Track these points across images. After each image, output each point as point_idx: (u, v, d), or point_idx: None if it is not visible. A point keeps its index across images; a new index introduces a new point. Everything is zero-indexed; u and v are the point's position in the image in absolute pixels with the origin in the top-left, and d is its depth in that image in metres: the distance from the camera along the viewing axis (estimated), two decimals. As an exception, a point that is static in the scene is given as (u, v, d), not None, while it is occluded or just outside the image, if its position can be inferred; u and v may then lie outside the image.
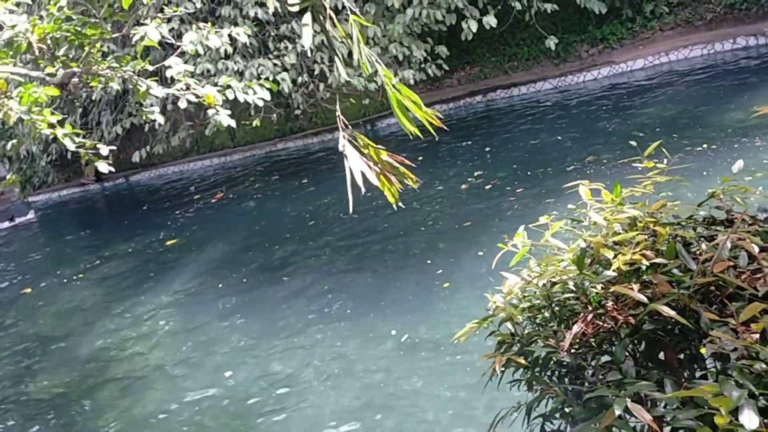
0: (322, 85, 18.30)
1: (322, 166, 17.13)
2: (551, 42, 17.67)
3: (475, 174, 12.92)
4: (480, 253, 9.38)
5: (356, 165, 2.27)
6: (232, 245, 12.93)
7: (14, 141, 15.03)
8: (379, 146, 2.50)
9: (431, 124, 2.44)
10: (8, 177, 21.79)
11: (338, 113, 2.40)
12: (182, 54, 14.76)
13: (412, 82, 17.27)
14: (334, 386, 7.21)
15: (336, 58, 2.22)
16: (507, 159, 13.54)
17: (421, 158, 15.01)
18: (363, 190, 2.28)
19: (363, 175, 2.27)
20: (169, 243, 14.09)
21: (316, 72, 18.12)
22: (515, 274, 2.54)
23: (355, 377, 7.27)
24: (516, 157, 13.44)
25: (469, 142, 15.41)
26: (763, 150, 9.97)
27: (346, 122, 2.44)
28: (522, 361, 2.17)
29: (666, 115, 13.35)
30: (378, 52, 17.16)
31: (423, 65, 17.84)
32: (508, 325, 2.37)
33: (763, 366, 1.57)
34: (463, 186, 12.56)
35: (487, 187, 12.14)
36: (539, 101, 17.32)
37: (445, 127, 2.46)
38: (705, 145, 10.60)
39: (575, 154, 12.21)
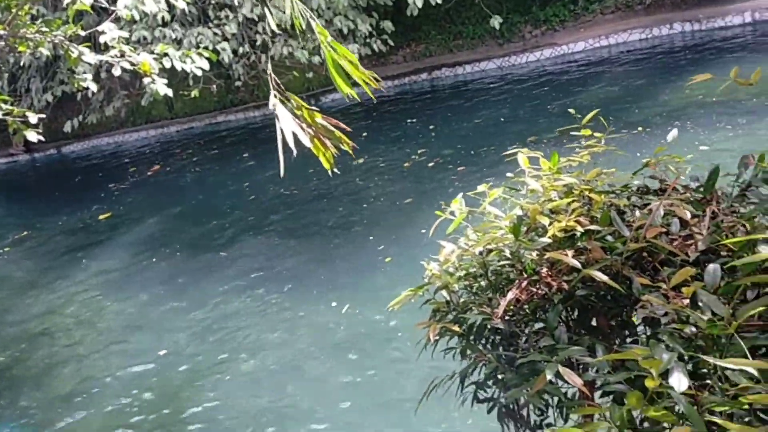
0: (264, 57, 17.89)
1: (264, 139, 16.80)
2: (495, 21, 17.75)
3: (419, 152, 12.91)
4: (422, 231, 9.39)
5: (288, 126, 2.16)
6: (168, 219, 12.57)
7: (-68, 106, 14.14)
8: (313, 108, 2.39)
9: (370, 87, 2.34)
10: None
11: (269, 72, 2.28)
12: (117, 20, 14.17)
13: (357, 56, 17.05)
14: (272, 359, 7.12)
15: (266, 11, 2.10)
16: (451, 137, 13.58)
17: (365, 134, 14.92)
18: (295, 152, 2.17)
19: (295, 136, 2.16)
20: (102, 217, 13.59)
21: (258, 43, 17.69)
22: (453, 243, 2.50)
23: (294, 350, 7.20)
24: (460, 136, 13.50)
25: (414, 120, 15.37)
26: (694, 131, 10.31)
27: (278, 81, 2.33)
28: (456, 329, 2.14)
29: (604, 96, 13.63)
30: (323, 24, 16.86)
31: (368, 40, 17.64)
32: (444, 293, 2.33)
33: (693, 329, 1.58)
34: (406, 163, 12.54)
35: (430, 164, 12.15)
36: (484, 81, 17.42)
37: (382, 89, 2.37)
38: (640, 128, 10.88)
39: (518, 134, 12.34)
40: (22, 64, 19.05)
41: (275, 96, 2.20)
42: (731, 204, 2.01)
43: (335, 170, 2.48)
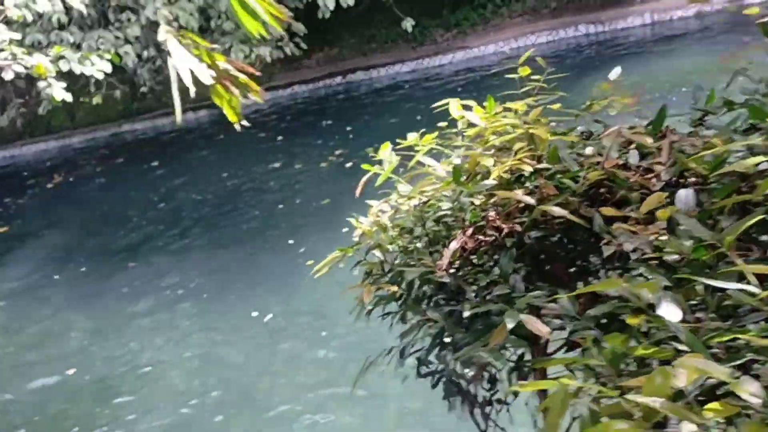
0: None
1: (174, 147, 16.05)
2: (408, 24, 17.75)
3: (336, 153, 12.61)
4: (344, 230, 9.08)
5: (184, 62, 1.81)
6: (71, 233, 11.69)
7: None
8: (214, 46, 2.04)
9: (280, 22, 2.01)
10: None
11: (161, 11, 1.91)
12: (8, 22, 13.12)
13: (269, 59, 16.62)
14: (189, 373, 6.60)
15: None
16: (368, 137, 13.35)
17: (280, 138, 14.51)
18: (192, 90, 1.82)
19: (192, 74, 1.81)
20: (-2, 231, 12.53)
21: (164, 46, 16.92)
22: (384, 203, 2.21)
23: (213, 364, 6.70)
24: (376, 136, 13.28)
25: (330, 122, 15.07)
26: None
27: (174, 18, 1.96)
28: (394, 288, 1.84)
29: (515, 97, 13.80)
30: (232, 27, 16.34)
31: (280, 43, 17.21)
32: (377, 252, 2.03)
33: (676, 257, 1.35)
34: (323, 164, 12.21)
35: (348, 165, 11.87)
36: (398, 82, 17.35)
37: (291, 21, 2.05)
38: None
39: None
40: None
41: (167, 31, 1.84)
42: (689, 135, 1.82)
43: (243, 123, 2.12)
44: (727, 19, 15.10)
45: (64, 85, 9.91)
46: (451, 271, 1.76)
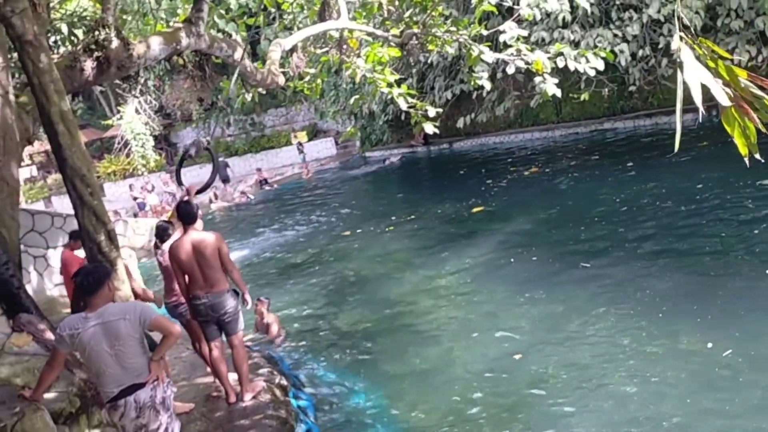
0: (665, 60, 16.31)
1: (651, 151, 15.37)
2: None
3: None
4: None
5: (695, 76, 1.47)
6: (533, 221, 12.33)
7: (356, 97, 16.50)
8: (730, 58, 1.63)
9: None
10: (348, 129, 24.34)
11: (678, 11, 1.60)
12: (519, 21, 14.39)
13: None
14: (621, 397, 6.16)
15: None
16: None
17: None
18: (702, 113, 1.46)
19: (704, 88, 1.46)
20: (475, 210, 14.08)
21: (660, 45, 16.19)
22: None
23: (650, 393, 6.13)
24: None
25: None
26: None
27: (687, 25, 1.63)
28: None
29: None
30: (740, 26, 14.58)
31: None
32: None
33: None
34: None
35: None
36: None
37: None
38: None
39: None
40: (430, 62, 21.02)
41: (680, 37, 1.52)
42: None
43: (757, 157, 1.66)
44: None
45: (557, 80, 10.34)
46: None
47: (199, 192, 6.52)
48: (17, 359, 4.96)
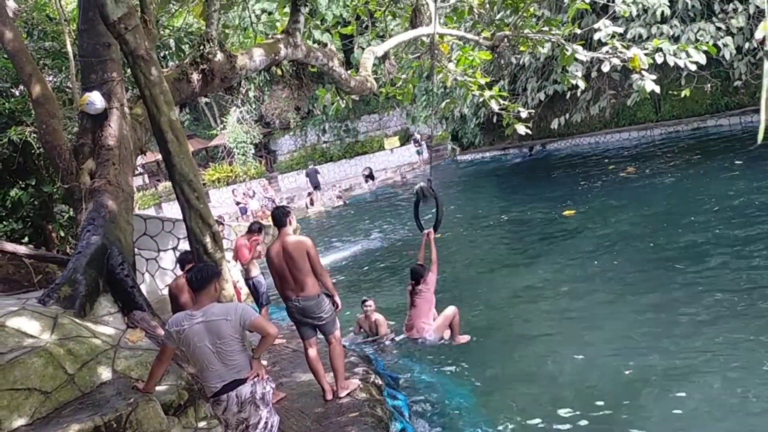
0: (775, 53, 15.43)
1: (761, 149, 14.53)
2: None
3: None
4: None
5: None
6: (624, 223, 11.95)
7: (448, 101, 16.59)
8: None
9: None
10: (439, 132, 24.50)
11: None
12: (615, 18, 14.04)
13: None
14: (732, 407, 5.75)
15: None
16: None
17: None
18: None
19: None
20: (566, 213, 13.83)
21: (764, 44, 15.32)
22: None
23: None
24: None
25: None
26: None
27: None
28: None
29: None
30: None
31: None
32: None
33: None
34: None
35: None
36: None
37: None
38: None
39: None
40: (522, 64, 20.82)
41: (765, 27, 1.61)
42: None
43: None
44: None
45: (655, 77, 10.04)
46: None
47: (435, 228, 8.49)
48: (131, 353, 5.27)
